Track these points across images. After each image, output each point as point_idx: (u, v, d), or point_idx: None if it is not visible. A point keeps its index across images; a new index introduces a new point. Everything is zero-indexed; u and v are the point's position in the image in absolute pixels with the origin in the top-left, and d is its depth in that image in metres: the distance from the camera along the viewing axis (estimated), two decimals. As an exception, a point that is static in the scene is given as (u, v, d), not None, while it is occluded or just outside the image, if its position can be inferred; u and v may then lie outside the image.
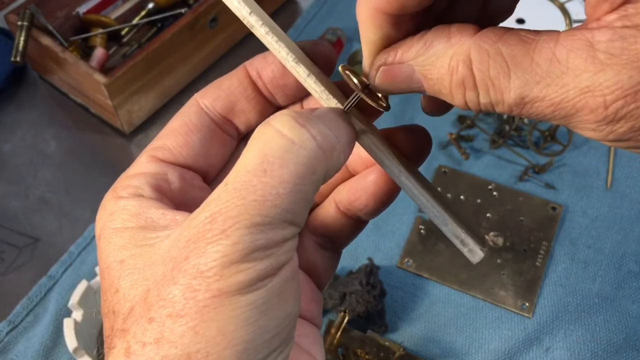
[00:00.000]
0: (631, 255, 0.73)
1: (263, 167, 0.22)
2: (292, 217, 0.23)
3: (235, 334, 0.21)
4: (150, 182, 0.27)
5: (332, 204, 0.32)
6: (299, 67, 0.28)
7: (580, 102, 0.22)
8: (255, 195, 0.22)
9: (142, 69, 0.81)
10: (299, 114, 0.24)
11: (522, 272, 0.71)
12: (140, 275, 0.24)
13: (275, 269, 0.22)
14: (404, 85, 0.26)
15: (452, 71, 0.24)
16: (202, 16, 0.85)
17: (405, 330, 0.68)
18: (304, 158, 0.23)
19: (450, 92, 0.25)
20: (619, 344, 0.66)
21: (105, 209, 0.27)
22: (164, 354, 0.22)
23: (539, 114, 0.23)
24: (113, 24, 0.90)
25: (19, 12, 0.82)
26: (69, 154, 0.84)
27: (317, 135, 0.24)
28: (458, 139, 0.82)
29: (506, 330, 0.68)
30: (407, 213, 0.76)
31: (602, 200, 0.77)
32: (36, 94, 0.91)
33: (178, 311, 0.22)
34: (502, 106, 0.24)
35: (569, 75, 0.22)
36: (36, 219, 0.78)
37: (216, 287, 0.21)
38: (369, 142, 0.28)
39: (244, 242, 0.21)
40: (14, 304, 0.70)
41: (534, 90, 0.23)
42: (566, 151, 0.81)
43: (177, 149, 0.29)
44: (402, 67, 0.26)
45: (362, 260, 0.69)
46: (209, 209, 0.22)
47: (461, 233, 0.28)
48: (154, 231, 0.25)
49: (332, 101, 0.28)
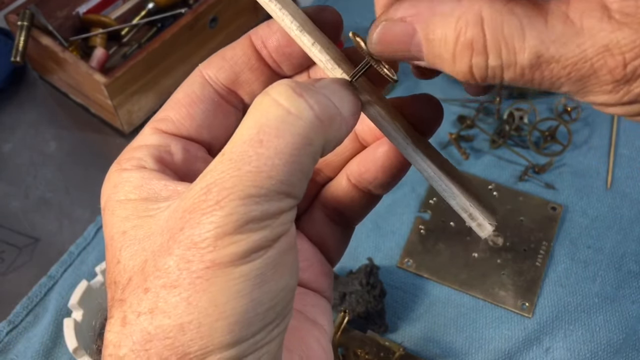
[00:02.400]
0: (631, 255, 0.73)
1: (259, 137, 0.22)
2: (288, 189, 0.22)
3: (228, 305, 0.21)
4: (153, 154, 0.27)
5: (344, 177, 0.32)
6: (303, 36, 0.27)
7: (598, 62, 0.21)
8: (250, 166, 0.22)
9: (142, 69, 0.81)
10: (298, 83, 0.24)
11: (522, 272, 0.71)
12: (139, 246, 0.24)
13: (270, 240, 0.22)
14: (402, 47, 0.25)
15: (459, 32, 0.23)
16: (202, 16, 0.85)
17: (405, 330, 0.68)
18: (300, 128, 0.22)
19: (453, 57, 0.23)
20: (618, 344, 0.66)
21: (110, 181, 0.27)
22: (158, 324, 0.22)
23: (552, 77, 0.22)
24: (113, 24, 0.90)
25: (19, 12, 0.82)
26: (69, 154, 0.84)
27: (315, 105, 0.23)
28: (458, 139, 0.82)
29: (506, 330, 0.68)
30: (407, 213, 0.76)
31: (602, 200, 0.77)
32: (36, 94, 0.91)
33: (172, 282, 0.22)
34: (513, 69, 0.23)
35: (585, 36, 0.21)
36: (36, 219, 0.78)
37: (209, 258, 0.21)
38: (375, 113, 0.27)
39: (237, 214, 0.21)
40: (14, 304, 0.70)
41: (550, 50, 0.22)
42: (566, 151, 0.81)
43: (180, 121, 0.28)
44: (404, 26, 0.24)
45: (362, 260, 0.69)
46: (205, 180, 0.22)
47: (469, 207, 0.27)
48: (156, 202, 0.25)
49: (337, 71, 0.27)
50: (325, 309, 0.31)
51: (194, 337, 0.21)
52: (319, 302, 0.31)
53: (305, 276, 0.32)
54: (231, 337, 0.22)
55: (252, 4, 0.94)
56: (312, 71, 0.30)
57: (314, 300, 0.31)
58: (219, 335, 0.21)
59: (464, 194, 0.27)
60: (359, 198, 0.32)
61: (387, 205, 0.75)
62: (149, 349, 0.22)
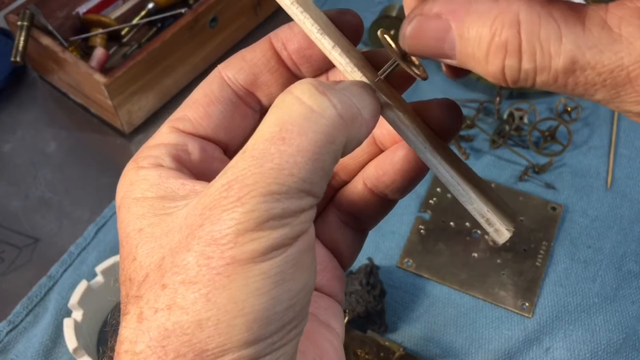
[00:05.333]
0: (631, 255, 0.72)
1: (281, 134, 0.22)
2: (310, 187, 0.22)
3: (247, 302, 0.21)
4: (171, 153, 0.27)
5: (360, 181, 0.32)
6: (323, 39, 0.27)
7: (634, 72, 0.21)
8: (273, 164, 0.22)
9: (142, 69, 0.81)
10: (320, 82, 0.24)
11: (522, 272, 0.71)
12: (156, 243, 0.24)
13: (291, 239, 0.22)
14: (435, 44, 0.24)
15: (494, 32, 0.22)
16: (202, 16, 0.85)
17: (405, 330, 0.68)
18: (323, 127, 0.23)
19: (487, 57, 0.23)
20: (618, 344, 0.66)
21: (126, 179, 0.26)
22: (176, 320, 0.22)
23: (586, 84, 0.22)
24: (113, 24, 0.90)
25: (19, 12, 0.82)
26: (69, 154, 0.84)
27: (338, 103, 0.23)
28: (458, 138, 0.82)
29: (506, 330, 0.68)
30: (407, 213, 0.76)
31: (602, 200, 0.77)
32: (36, 94, 0.91)
33: (191, 278, 0.22)
34: (547, 74, 0.22)
35: (623, 43, 0.21)
36: (36, 219, 0.78)
37: (229, 255, 0.21)
38: (393, 116, 0.27)
39: (259, 210, 0.21)
40: (14, 304, 0.70)
41: (586, 55, 0.21)
42: (566, 151, 0.81)
43: (198, 120, 0.28)
44: (439, 22, 0.24)
45: (362, 260, 0.69)
46: (226, 177, 0.22)
47: (487, 212, 0.27)
48: (173, 201, 0.25)
49: (356, 74, 0.27)
50: (337, 312, 0.31)
51: (212, 334, 0.21)
52: (330, 305, 0.31)
53: (318, 279, 0.32)
54: (249, 335, 0.21)
55: (252, 4, 0.94)
56: (331, 74, 0.30)
57: (326, 303, 0.31)
58: (237, 333, 0.21)
59: (481, 199, 0.27)
60: (374, 202, 0.32)
61: (387, 205, 0.75)
62: (165, 345, 0.22)
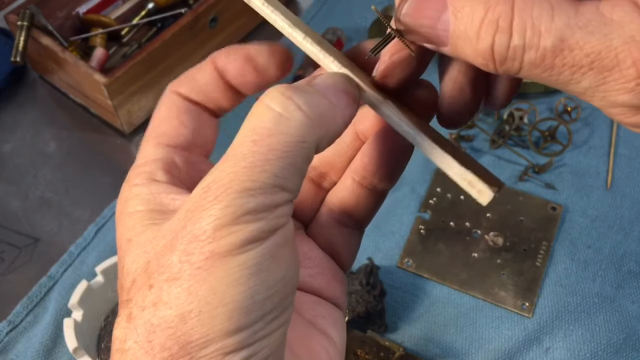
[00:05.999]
0: (631, 255, 0.73)
1: (252, 138, 0.23)
2: (282, 182, 0.23)
3: (227, 293, 0.22)
4: (162, 167, 0.28)
5: (349, 177, 0.33)
6: (294, 32, 0.28)
7: (623, 52, 0.22)
8: (245, 162, 0.23)
9: (142, 69, 0.81)
10: (288, 87, 0.25)
11: (522, 272, 0.71)
12: (142, 250, 0.25)
13: (266, 232, 0.23)
14: (429, 23, 0.25)
15: (488, 7, 0.23)
16: (202, 16, 0.85)
17: (405, 330, 0.68)
18: (291, 128, 0.24)
19: (478, 33, 0.24)
20: (618, 344, 0.66)
21: (121, 198, 0.28)
22: (161, 315, 0.22)
23: (573, 66, 0.22)
24: (113, 24, 0.90)
25: (19, 12, 0.82)
26: (69, 154, 0.84)
27: (303, 105, 0.24)
28: (458, 139, 0.82)
29: (506, 330, 0.68)
30: (407, 213, 0.76)
31: (602, 200, 0.77)
32: (36, 94, 0.91)
33: (174, 275, 0.23)
34: (534, 51, 0.23)
35: (614, 26, 0.22)
36: (36, 219, 0.78)
37: (209, 249, 0.22)
38: (368, 98, 0.28)
39: (234, 206, 0.22)
40: (14, 304, 0.70)
41: (576, 35, 0.22)
42: (566, 151, 0.81)
43: (175, 131, 0.30)
44: (435, 0, 0.25)
45: (362, 260, 0.69)
46: (205, 181, 0.23)
47: (468, 174, 0.27)
48: (162, 214, 0.26)
49: (331, 63, 0.28)
50: (337, 320, 0.31)
51: (195, 326, 0.22)
52: (330, 313, 0.32)
53: (317, 283, 0.32)
54: (230, 324, 0.22)
55: (252, 4, 0.94)
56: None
57: (325, 310, 0.31)
58: (218, 323, 0.22)
59: (461, 164, 0.28)
60: (365, 196, 0.33)
61: (387, 206, 0.75)
62: (152, 340, 0.23)
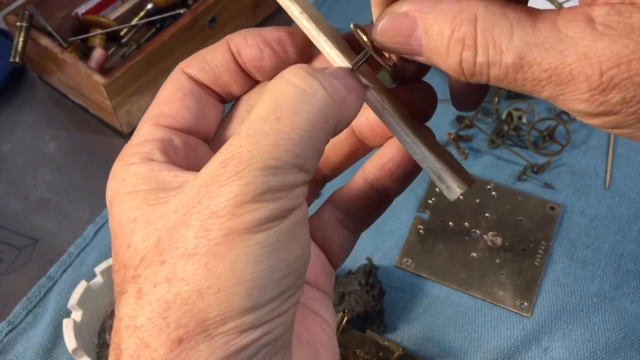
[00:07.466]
0: (629, 255, 0.73)
1: (276, 114, 0.23)
2: (303, 163, 0.23)
3: (246, 270, 0.22)
4: (159, 147, 0.28)
5: (361, 178, 0.33)
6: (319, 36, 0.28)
7: (577, 69, 0.23)
8: (268, 140, 0.23)
9: (141, 69, 0.81)
10: (311, 67, 0.25)
11: (521, 271, 0.71)
12: (152, 227, 0.24)
13: (286, 211, 0.23)
14: (403, 40, 0.26)
15: (454, 27, 0.24)
16: (201, 17, 0.86)
17: (404, 330, 0.68)
18: (316, 107, 0.24)
19: (447, 50, 0.25)
20: (617, 343, 0.66)
21: (116, 177, 0.27)
22: (176, 291, 0.22)
23: (534, 80, 0.24)
24: (112, 25, 0.90)
25: (18, 13, 0.82)
26: (69, 154, 0.84)
27: (328, 86, 0.25)
28: (457, 139, 0.82)
29: (505, 330, 0.68)
30: (406, 213, 0.76)
31: (601, 200, 0.77)
32: (35, 94, 0.91)
33: (190, 250, 0.22)
34: (498, 68, 0.24)
35: (568, 43, 0.23)
36: (36, 220, 0.78)
37: (228, 226, 0.22)
38: (371, 97, 0.29)
39: (256, 183, 0.22)
40: (13, 304, 0.70)
41: (533, 52, 0.23)
42: (565, 151, 0.81)
43: (178, 114, 0.29)
44: (407, 20, 0.26)
45: (361, 260, 0.70)
46: (222, 155, 0.23)
47: (439, 169, 0.28)
48: (166, 192, 0.25)
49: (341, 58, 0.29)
50: (327, 304, 0.32)
51: (213, 303, 0.22)
52: (320, 297, 0.32)
53: (307, 274, 0.33)
54: (249, 301, 0.22)
55: (251, 5, 0.95)
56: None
57: (316, 294, 0.32)
58: (237, 300, 0.22)
59: (435, 159, 0.28)
60: (373, 199, 0.33)
61: (386, 205, 0.75)
62: (167, 317, 0.22)
